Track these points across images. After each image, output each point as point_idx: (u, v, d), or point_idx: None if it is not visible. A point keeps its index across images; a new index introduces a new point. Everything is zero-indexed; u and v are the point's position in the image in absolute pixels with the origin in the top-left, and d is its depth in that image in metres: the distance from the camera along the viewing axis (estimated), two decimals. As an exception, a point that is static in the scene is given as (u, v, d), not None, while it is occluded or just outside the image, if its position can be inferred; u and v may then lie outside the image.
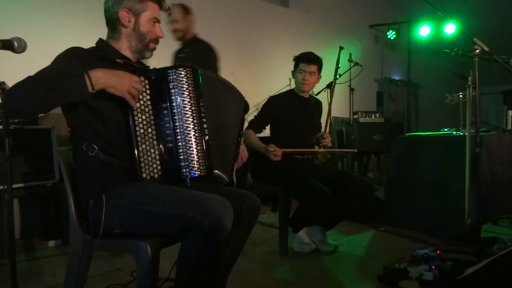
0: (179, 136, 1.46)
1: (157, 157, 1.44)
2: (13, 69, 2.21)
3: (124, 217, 1.41)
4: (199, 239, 1.33)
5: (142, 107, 1.43)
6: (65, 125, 1.53)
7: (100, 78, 1.33)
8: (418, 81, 7.01)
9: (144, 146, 1.42)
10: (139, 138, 1.42)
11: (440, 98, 3.18)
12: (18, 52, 1.55)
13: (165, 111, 1.46)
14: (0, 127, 2.11)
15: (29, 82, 1.31)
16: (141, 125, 1.42)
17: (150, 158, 1.43)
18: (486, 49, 2.43)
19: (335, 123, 5.07)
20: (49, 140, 2.55)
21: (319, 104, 2.93)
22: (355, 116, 4.91)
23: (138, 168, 1.41)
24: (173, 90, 1.46)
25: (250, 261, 2.45)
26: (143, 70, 1.50)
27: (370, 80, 6.44)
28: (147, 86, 1.45)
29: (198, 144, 1.47)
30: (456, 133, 3.09)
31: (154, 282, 1.43)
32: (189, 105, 1.47)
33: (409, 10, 6.44)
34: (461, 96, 2.89)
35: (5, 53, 1.51)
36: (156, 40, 1.59)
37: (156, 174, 1.43)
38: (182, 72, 1.48)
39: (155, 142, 1.44)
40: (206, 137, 1.50)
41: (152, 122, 1.44)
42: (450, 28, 5.73)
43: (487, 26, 5.33)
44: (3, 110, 1.33)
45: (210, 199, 1.35)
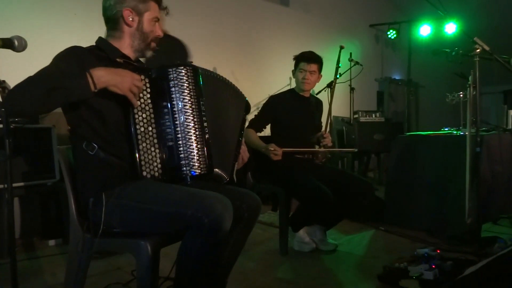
0: (180, 135, 1.45)
1: (158, 156, 1.43)
2: (14, 68, 2.22)
3: (124, 216, 1.41)
4: (199, 238, 1.33)
5: (143, 106, 1.43)
6: (66, 124, 1.52)
7: (102, 77, 1.33)
8: (419, 81, 7.01)
9: (145, 145, 1.42)
10: (140, 137, 1.42)
11: (441, 98, 3.18)
12: (19, 51, 1.55)
13: (166, 110, 1.46)
14: (1, 126, 2.12)
15: (30, 83, 1.30)
16: (142, 124, 1.42)
17: (151, 157, 1.43)
18: (487, 49, 2.43)
19: (336, 123, 5.07)
20: (50, 139, 2.55)
21: (320, 104, 2.93)
22: (356, 116, 4.91)
23: (139, 167, 1.41)
24: (174, 89, 1.46)
25: (250, 261, 2.46)
26: (144, 69, 1.50)
27: (371, 80, 6.44)
28: (148, 85, 1.45)
29: (199, 143, 1.47)
30: (457, 133, 3.09)
31: (155, 281, 1.43)
32: (190, 104, 1.47)
33: (410, 10, 6.44)
34: (462, 96, 2.89)
35: (6, 52, 1.51)
36: (157, 39, 1.60)
37: (157, 173, 1.43)
38: (183, 71, 1.48)
39: (156, 141, 1.44)
40: (207, 136, 1.50)
41: (153, 121, 1.44)
42: (451, 28, 5.73)
43: (488, 26, 5.33)
44: (5, 111, 1.32)
45: (210, 198, 1.35)
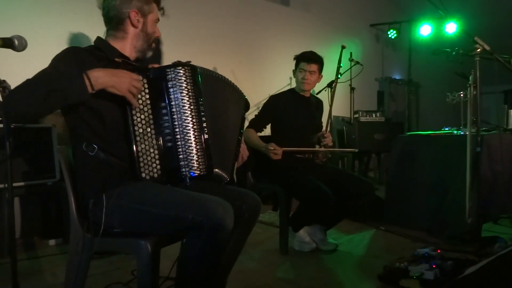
0: (178, 135, 1.45)
1: (157, 157, 1.43)
2: (14, 68, 2.22)
3: (124, 217, 1.41)
4: (200, 241, 1.33)
5: (141, 106, 1.43)
6: (66, 124, 1.52)
7: (100, 78, 1.33)
8: (419, 80, 7.00)
9: (144, 146, 1.42)
10: (138, 138, 1.41)
11: (441, 98, 3.18)
12: (19, 51, 1.55)
13: (164, 110, 1.45)
14: (1, 126, 2.12)
15: (28, 86, 1.30)
16: (140, 125, 1.42)
17: (150, 158, 1.42)
18: (487, 48, 2.43)
19: (336, 122, 5.06)
20: (50, 139, 2.55)
21: (320, 103, 2.93)
22: (356, 115, 4.90)
23: (138, 168, 1.41)
24: (172, 89, 1.46)
25: (251, 260, 2.46)
26: (142, 69, 1.50)
27: (371, 79, 6.43)
28: (146, 85, 1.45)
29: (198, 143, 1.47)
30: (457, 133, 3.08)
31: (155, 281, 1.43)
32: (188, 104, 1.47)
33: (410, 9, 6.43)
34: (462, 95, 2.89)
35: (6, 52, 1.51)
36: (156, 40, 1.62)
37: (156, 174, 1.43)
38: (181, 71, 1.47)
39: (154, 142, 1.44)
40: (206, 136, 1.49)
41: (151, 121, 1.44)
42: (451, 27, 5.71)
43: (488, 25, 5.32)
44: (3, 114, 1.32)
45: (211, 201, 1.35)
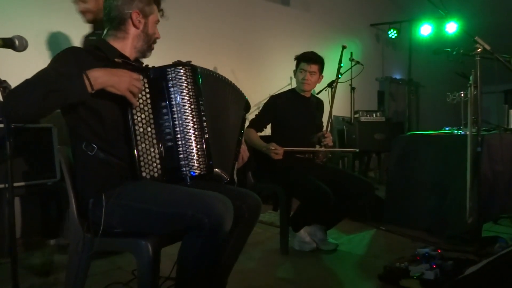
0: (179, 135, 1.45)
1: (157, 156, 1.43)
2: (14, 68, 2.22)
3: (124, 217, 1.41)
4: (199, 238, 1.33)
5: (141, 106, 1.43)
6: (66, 124, 1.52)
7: (99, 78, 1.33)
8: (419, 80, 6.99)
9: (144, 145, 1.42)
10: (139, 137, 1.42)
11: (441, 97, 3.17)
12: (19, 51, 1.55)
13: (165, 110, 1.46)
14: (1, 126, 2.12)
15: (27, 86, 1.30)
16: (141, 124, 1.42)
17: (150, 157, 1.43)
18: (488, 48, 2.43)
19: (336, 122, 5.06)
20: (50, 139, 2.55)
21: (321, 103, 2.93)
22: (356, 115, 4.90)
23: (138, 167, 1.41)
24: (172, 89, 1.46)
25: (251, 260, 2.46)
26: (142, 69, 1.50)
27: (371, 79, 6.43)
28: (146, 85, 1.45)
29: (198, 143, 1.47)
30: (457, 132, 3.08)
31: (155, 281, 1.43)
32: (189, 104, 1.47)
33: (410, 9, 6.43)
34: (462, 95, 2.88)
35: (6, 52, 1.51)
36: (156, 41, 1.62)
37: (156, 173, 1.43)
38: (181, 71, 1.48)
39: (155, 141, 1.44)
40: (206, 136, 1.50)
41: (152, 121, 1.44)
42: (452, 27, 5.71)
43: (489, 25, 5.32)
44: (3, 114, 1.32)
45: (211, 198, 1.35)
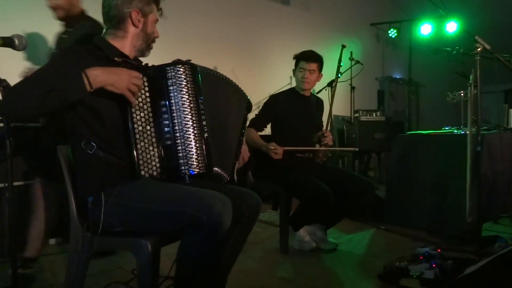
0: (178, 134, 1.45)
1: (156, 155, 1.43)
2: (14, 67, 2.21)
3: (124, 216, 1.41)
4: (198, 236, 1.33)
5: (141, 105, 1.43)
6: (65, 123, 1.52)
7: (98, 77, 1.33)
8: (419, 80, 6.99)
9: (143, 144, 1.42)
10: (138, 136, 1.41)
11: (441, 97, 3.18)
12: (19, 50, 1.56)
13: (164, 109, 1.46)
14: (1, 125, 2.11)
15: (26, 85, 1.31)
16: (140, 123, 1.42)
17: (149, 156, 1.43)
18: (488, 48, 2.43)
19: (336, 122, 5.06)
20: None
21: (320, 103, 2.93)
22: (356, 115, 4.90)
23: (137, 166, 1.41)
24: (172, 88, 1.46)
25: (251, 260, 2.46)
26: (142, 68, 1.50)
27: (371, 79, 6.43)
28: (146, 84, 1.45)
29: (197, 142, 1.47)
30: (457, 132, 3.08)
31: (155, 280, 1.43)
32: (188, 103, 1.47)
33: (410, 9, 6.43)
34: (462, 95, 2.88)
35: (6, 51, 1.51)
36: (155, 40, 1.62)
37: (155, 172, 1.43)
38: (181, 69, 1.48)
39: (154, 140, 1.44)
40: (206, 135, 1.50)
41: (151, 120, 1.44)
42: (452, 27, 5.71)
43: (489, 25, 5.32)
44: (1, 113, 1.32)
45: (209, 196, 1.35)
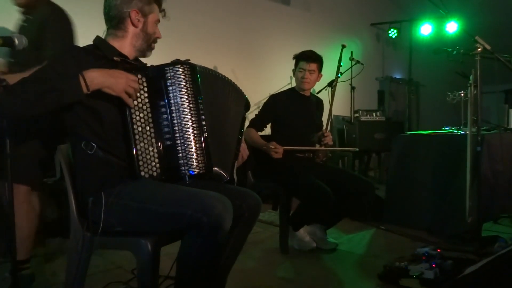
0: (178, 134, 1.45)
1: (156, 155, 1.43)
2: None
3: (124, 216, 1.41)
4: (199, 237, 1.33)
5: (140, 105, 1.43)
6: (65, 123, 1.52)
7: (95, 79, 1.34)
8: (420, 80, 6.99)
9: (142, 144, 1.42)
10: (137, 136, 1.41)
11: (442, 97, 3.18)
12: (19, 49, 1.55)
13: (163, 109, 1.46)
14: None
15: (24, 85, 1.31)
16: (139, 123, 1.42)
17: (149, 156, 1.43)
18: (488, 48, 2.43)
19: (336, 122, 5.06)
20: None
21: (320, 103, 2.93)
22: (356, 115, 4.90)
23: (137, 166, 1.41)
24: (171, 88, 1.46)
25: (251, 260, 2.46)
26: (141, 68, 1.50)
27: (371, 79, 6.43)
28: (145, 84, 1.45)
29: (197, 142, 1.47)
30: (457, 132, 3.08)
31: (155, 280, 1.43)
32: (187, 102, 1.47)
33: (411, 9, 6.43)
34: (463, 95, 2.88)
35: (6, 51, 1.51)
36: (156, 40, 1.62)
37: (155, 172, 1.43)
38: (180, 69, 1.47)
39: (153, 140, 1.44)
40: (205, 135, 1.50)
41: (150, 120, 1.44)
42: (452, 27, 5.71)
43: (489, 25, 5.31)
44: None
45: (210, 197, 1.35)
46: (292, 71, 2.80)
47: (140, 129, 1.42)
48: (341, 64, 3.30)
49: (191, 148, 1.46)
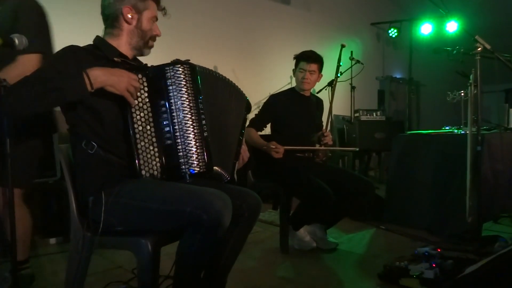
0: (178, 133, 1.45)
1: (156, 154, 1.44)
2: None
3: (124, 215, 1.41)
4: (198, 234, 1.33)
5: (140, 105, 1.43)
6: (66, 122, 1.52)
7: (99, 77, 1.34)
8: (420, 79, 6.99)
9: (143, 144, 1.42)
10: (138, 136, 1.42)
11: (442, 96, 3.17)
12: (19, 49, 1.55)
13: (163, 109, 1.46)
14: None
15: (26, 84, 1.31)
16: (140, 123, 1.43)
17: (149, 156, 1.43)
18: (488, 47, 2.43)
19: (336, 121, 5.06)
20: (50, 138, 2.54)
21: (320, 102, 2.93)
22: (356, 114, 4.90)
23: (137, 166, 1.41)
24: (171, 87, 1.46)
25: (251, 259, 2.46)
26: (141, 68, 1.51)
27: (371, 78, 6.42)
28: (145, 84, 1.45)
29: (197, 141, 1.47)
30: (458, 131, 3.08)
31: (155, 279, 1.43)
32: (187, 102, 1.47)
33: (411, 8, 6.42)
34: (463, 94, 2.88)
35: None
36: (154, 38, 1.61)
37: (156, 171, 1.43)
38: (180, 69, 1.48)
39: (154, 139, 1.44)
40: (205, 134, 1.50)
41: (151, 120, 1.44)
42: (452, 26, 5.70)
43: (489, 24, 5.32)
44: (1, 112, 1.32)
45: (209, 194, 1.36)
46: (292, 71, 2.80)
47: (141, 129, 1.43)
48: (341, 64, 3.30)
49: (192, 147, 1.46)
